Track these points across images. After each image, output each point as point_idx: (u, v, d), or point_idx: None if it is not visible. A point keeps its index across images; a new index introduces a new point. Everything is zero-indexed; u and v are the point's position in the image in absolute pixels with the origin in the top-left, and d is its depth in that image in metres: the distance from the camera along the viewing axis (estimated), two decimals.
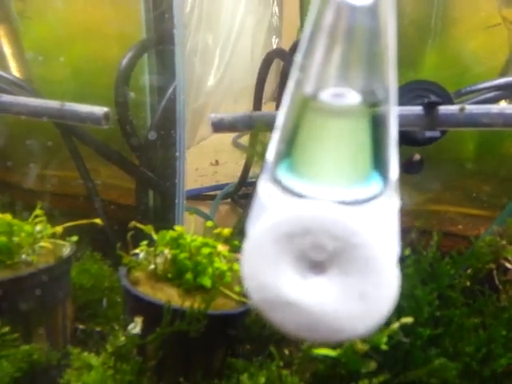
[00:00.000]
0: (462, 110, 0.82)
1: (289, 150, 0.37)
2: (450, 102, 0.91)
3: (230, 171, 2.47)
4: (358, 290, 0.33)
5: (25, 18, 1.36)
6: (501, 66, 1.22)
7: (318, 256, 0.33)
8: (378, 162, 0.36)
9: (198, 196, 2.00)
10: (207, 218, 1.60)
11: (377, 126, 0.35)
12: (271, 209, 0.35)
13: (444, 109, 0.83)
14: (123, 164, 1.14)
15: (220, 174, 2.46)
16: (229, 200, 2.00)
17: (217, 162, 2.66)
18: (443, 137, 0.91)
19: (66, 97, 1.30)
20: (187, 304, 0.62)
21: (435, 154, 1.12)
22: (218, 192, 2.00)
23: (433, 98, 0.83)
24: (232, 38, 3.39)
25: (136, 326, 0.58)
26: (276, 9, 4.01)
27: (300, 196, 0.35)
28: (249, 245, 0.34)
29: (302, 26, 1.81)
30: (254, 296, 0.35)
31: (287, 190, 0.36)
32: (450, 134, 0.97)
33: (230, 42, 3.37)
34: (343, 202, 0.33)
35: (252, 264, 0.34)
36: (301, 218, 0.33)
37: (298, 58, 0.35)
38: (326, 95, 0.34)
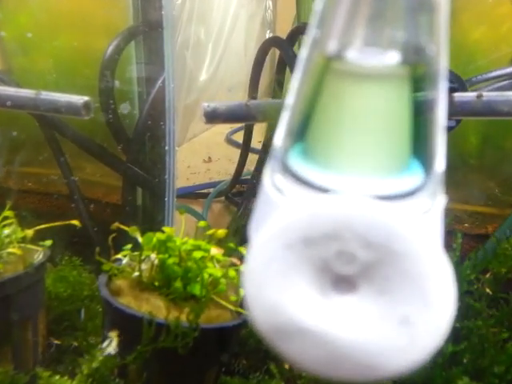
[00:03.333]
0: (479, 97, 0.74)
1: (304, 130, 0.29)
2: (464, 90, 0.84)
3: (223, 168, 2.40)
4: (398, 314, 0.25)
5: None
6: (510, 54, 1.16)
7: (346, 268, 0.25)
8: (420, 148, 0.28)
9: (190, 194, 1.92)
10: (200, 217, 1.52)
11: (421, 101, 0.27)
12: (282, 206, 0.27)
13: (459, 96, 0.75)
14: (108, 159, 1.06)
15: (213, 172, 2.39)
16: (222, 198, 1.92)
17: (210, 159, 2.58)
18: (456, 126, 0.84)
19: (49, 88, 1.21)
20: (173, 316, 0.53)
21: None
22: (211, 190, 1.93)
23: (448, 83, 0.76)
24: (225, 32, 3.31)
25: (111, 343, 0.50)
26: (270, 3, 3.94)
27: (320, 189, 0.26)
28: (254, 254, 0.26)
29: (298, 18, 1.73)
30: (259, 321, 0.27)
31: (302, 181, 0.28)
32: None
33: (222, 36, 3.29)
34: (379, 197, 0.25)
35: (257, 279, 0.26)
36: (323, 218, 0.24)
37: (317, 8, 0.27)
38: (353, 54, 0.26)
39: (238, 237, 1.00)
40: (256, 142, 1.77)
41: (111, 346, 0.51)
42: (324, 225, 0.24)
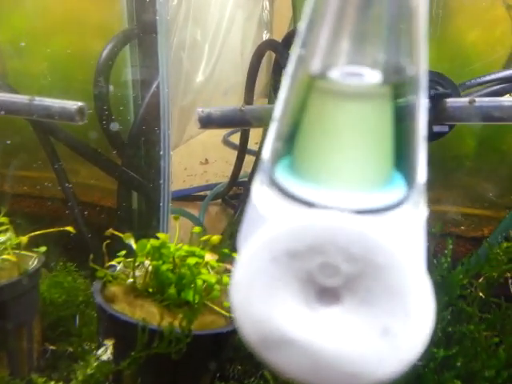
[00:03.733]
0: (471, 102, 0.75)
1: (290, 145, 0.30)
2: (457, 95, 0.84)
3: (219, 170, 2.40)
4: (380, 325, 0.25)
5: None
6: (505, 57, 1.17)
7: (330, 281, 0.26)
8: (401, 161, 0.29)
9: (186, 197, 1.92)
10: (196, 220, 1.52)
11: (401, 114, 0.28)
12: (268, 220, 0.28)
13: (452, 101, 0.76)
14: (103, 163, 1.06)
15: (209, 174, 2.39)
16: (219, 201, 1.92)
17: (206, 161, 2.58)
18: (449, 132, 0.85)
19: (45, 91, 1.21)
20: (166, 322, 0.54)
21: (434, 151, 1.06)
22: (208, 192, 1.92)
23: (440, 89, 0.76)
24: (221, 33, 3.31)
25: (106, 350, 0.50)
26: (266, 3, 3.94)
27: (305, 203, 0.27)
28: (241, 266, 0.27)
29: (294, 18, 1.74)
30: (246, 332, 0.27)
31: (288, 195, 0.28)
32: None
33: (219, 37, 3.28)
34: (361, 211, 0.26)
35: (244, 291, 0.27)
36: (307, 232, 0.25)
37: (301, 28, 0.27)
38: (337, 74, 0.26)
39: (233, 242, 1.00)
40: (253, 144, 1.77)
41: (107, 352, 0.51)
42: (308, 238, 0.25)
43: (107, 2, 1.24)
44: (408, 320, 0.24)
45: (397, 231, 0.26)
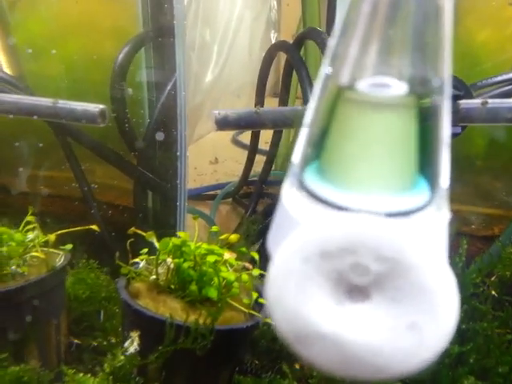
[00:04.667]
0: (484, 104, 0.76)
1: (319, 150, 0.31)
2: (470, 96, 0.86)
3: (229, 170, 2.42)
4: (407, 320, 0.27)
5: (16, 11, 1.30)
6: None
7: (360, 279, 0.28)
8: (425, 166, 0.31)
9: (197, 196, 1.94)
10: (208, 219, 1.55)
11: (425, 122, 0.30)
12: (300, 222, 0.30)
13: (465, 103, 0.77)
14: (121, 164, 1.08)
15: (219, 173, 2.40)
16: (230, 200, 1.94)
17: (216, 160, 2.60)
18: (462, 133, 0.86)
19: (61, 93, 1.24)
20: (192, 318, 0.56)
21: None
22: (218, 192, 1.94)
23: (453, 91, 0.78)
24: (230, 33, 3.32)
25: (133, 343, 0.53)
26: (274, 3, 3.95)
27: (335, 207, 0.29)
28: (274, 267, 0.29)
29: (304, 17, 1.75)
30: (280, 326, 0.29)
31: (318, 199, 0.30)
32: None
33: (227, 38, 3.30)
34: (389, 214, 0.28)
35: (278, 290, 0.29)
36: (339, 234, 0.27)
37: (332, 42, 0.29)
38: (364, 85, 0.28)
39: (248, 241, 1.02)
40: (263, 143, 1.79)
41: (133, 345, 0.53)
42: (339, 240, 0.27)
43: (123, 5, 1.26)
44: (434, 315, 0.26)
45: (422, 233, 0.28)
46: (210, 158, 2.59)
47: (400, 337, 0.27)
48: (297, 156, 0.32)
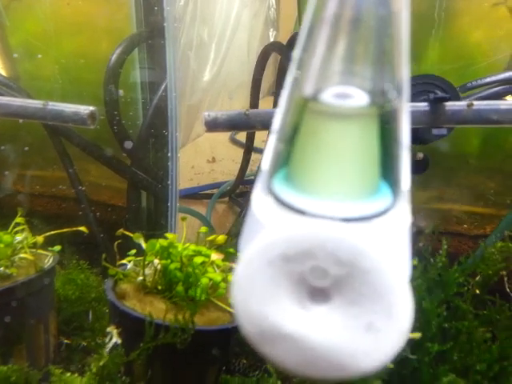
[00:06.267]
0: (469, 106, 0.77)
1: (286, 158, 0.32)
2: (457, 98, 0.86)
3: (226, 168, 2.43)
4: (365, 321, 0.28)
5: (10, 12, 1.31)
6: (507, 58, 1.18)
7: (320, 282, 0.29)
8: (388, 171, 0.32)
9: (194, 195, 1.95)
10: (203, 219, 1.56)
11: (386, 130, 0.31)
12: (266, 226, 0.31)
13: (451, 105, 0.78)
14: (114, 165, 1.09)
15: (217, 172, 2.41)
16: (226, 199, 1.95)
17: (213, 159, 2.61)
18: (449, 134, 0.87)
19: (55, 94, 1.25)
20: (171, 316, 0.57)
21: (438, 150, 1.08)
22: (215, 191, 1.95)
23: (439, 93, 0.78)
24: (228, 32, 3.32)
25: (112, 337, 0.54)
26: (273, 1, 3.95)
27: (299, 212, 0.30)
28: (241, 269, 0.30)
29: (299, 17, 1.76)
30: (245, 327, 0.30)
31: (284, 204, 0.31)
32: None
33: (225, 36, 3.30)
34: (349, 219, 0.29)
35: (244, 290, 0.30)
36: (299, 238, 0.28)
37: (296, 53, 0.30)
38: (327, 95, 0.29)
39: (238, 241, 1.03)
40: (260, 142, 1.80)
41: (113, 339, 0.54)
42: (300, 244, 0.28)
43: (116, 6, 1.27)
44: (390, 317, 0.27)
45: (381, 237, 0.29)
46: (207, 156, 2.60)
47: (358, 337, 0.28)
48: (265, 162, 0.33)
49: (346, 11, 0.28)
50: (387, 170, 0.32)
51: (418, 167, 0.90)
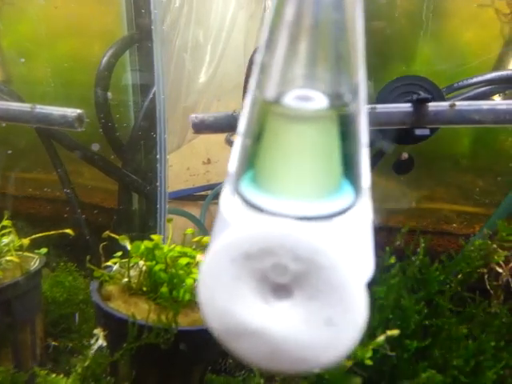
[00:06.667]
0: (452, 106, 0.78)
1: (252, 159, 0.33)
2: (441, 98, 0.87)
3: (222, 170, 2.43)
4: (323, 316, 0.29)
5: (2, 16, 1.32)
6: (495, 58, 1.19)
7: (281, 278, 0.29)
8: (349, 170, 0.33)
9: (189, 197, 1.96)
10: (196, 220, 1.56)
11: (346, 130, 0.31)
12: (231, 225, 0.32)
13: (433, 105, 0.79)
14: (105, 166, 1.10)
15: (212, 173, 2.41)
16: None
17: (209, 161, 2.61)
18: (434, 134, 0.88)
19: (48, 97, 1.26)
20: (154, 316, 0.58)
21: (427, 150, 1.09)
22: (210, 192, 1.96)
23: (422, 94, 0.79)
24: (223, 34, 3.32)
25: (98, 339, 0.55)
26: (269, 2, 3.96)
27: (261, 211, 0.31)
28: (205, 266, 0.31)
29: None
30: (211, 324, 0.31)
31: (249, 204, 0.32)
32: (442, 128, 0.93)
33: (221, 38, 3.30)
34: (307, 218, 0.30)
35: (209, 288, 0.31)
36: (260, 236, 0.29)
37: (258, 57, 0.31)
38: (289, 99, 0.30)
39: None
40: None
41: (98, 341, 0.55)
42: (261, 242, 0.29)
43: (108, 9, 1.28)
44: (346, 311, 0.28)
45: (341, 235, 0.30)
46: (202, 158, 2.60)
47: (319, 331, 0.29)
48: (232, 164, 0.34)
49: (304, 16, 0.29)
50: (349, 169, 0.33)
51: (403, 167, 0.91)
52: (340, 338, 0.28)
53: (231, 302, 0.30)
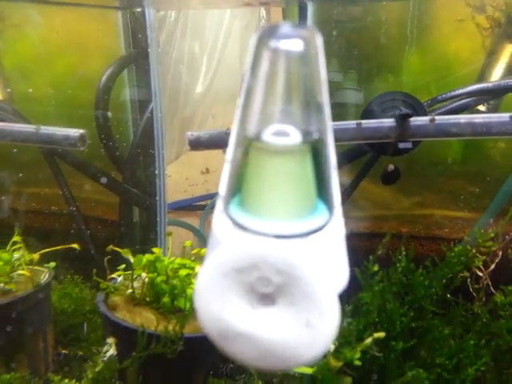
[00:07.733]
0: (432, 120, 0.83)
1: (239, 184, 0.38)
2: (423, 113, 0.93)
3: (220, 180, 2.46)
4: (304, 319, 0.34)
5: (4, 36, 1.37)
6: (478, 70, 1.24)
7: (266, 289, 0.34)
8: (323, 191, 0.38)
9: (187, 207, 2.00)
10: (195, 231, 1.61)
11: (318, 157, 0.37)
12: (222, 243, 0.37)
13: (415, 120, 0.84)
14: (108, 183, 1.15)
15: (210, 183, 2.46)
16: None
17: (207, 171, 2.65)
18: (417, 147, 0.93)
19: (50, 115, 1.30)
20: (162, 327, 0.62)
21: (419, 157, 1.14)
22: (209, 202, 2.00)
23: (404, 109, 0.85)
24: (219, 44, 3.38)
25: (110, 349, 0.59)
26: (263, 12, 4.02)
27: (247, 231, 0.36)
28: (200, 278, 0.35)
29: None
30: (207, 328, 0.36)
31: (238, 224, 0.37)
32: None
33: (217, 48, 3.36)
34: (287, 236, 0.35)
35: (204, 298, 0.35)
36: (246, 254, 0.34)
37: (240, 99, 0.36)
38: (267, 134, 0.35)
39: None
40: None
41: (110, 350, 0.60)
42: (247, 259, 0.34)
43: (106, 29, 1.33)
44: (320, 316, 0.33)
45: (315, 250, 0.35)
46: (201, 168, 2.64)
47: (300, 332, 0.34)
48: (222, 188, 0.39)
49: (278, 66, 0.35)
50: (322, 189, 0.38)
51: (389, 178, 0.96)
52: (317, 338, 0.33)
53: (223, 309, 0.35)
